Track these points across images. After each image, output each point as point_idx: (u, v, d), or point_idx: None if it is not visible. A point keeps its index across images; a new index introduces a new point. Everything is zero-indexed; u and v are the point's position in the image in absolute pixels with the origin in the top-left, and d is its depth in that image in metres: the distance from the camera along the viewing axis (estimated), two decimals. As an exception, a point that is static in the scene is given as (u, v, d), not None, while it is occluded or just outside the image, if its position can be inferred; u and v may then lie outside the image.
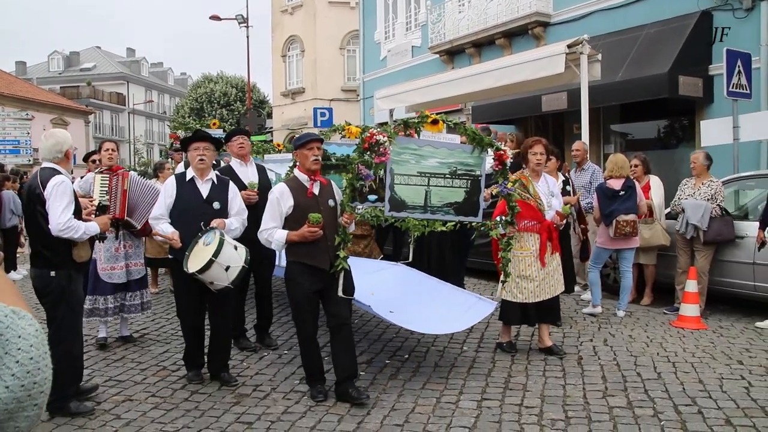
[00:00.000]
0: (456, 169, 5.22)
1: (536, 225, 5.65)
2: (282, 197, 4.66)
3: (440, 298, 5.81)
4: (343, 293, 4.64)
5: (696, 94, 11.11)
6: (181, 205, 4.99)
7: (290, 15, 28.77)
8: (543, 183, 5.85)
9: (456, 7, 16.95)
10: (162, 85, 66.66)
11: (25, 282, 10.28)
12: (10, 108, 31.02)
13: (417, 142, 5.07)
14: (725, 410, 4.38)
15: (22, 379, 1.00)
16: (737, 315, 7.28)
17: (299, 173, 4.77)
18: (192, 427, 4.25)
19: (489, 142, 5.28)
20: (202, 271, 4.58)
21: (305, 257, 4.61)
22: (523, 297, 5.65)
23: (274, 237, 4.63)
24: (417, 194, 5.09)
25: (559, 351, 5.69)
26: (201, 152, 5.02)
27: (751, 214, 7.64)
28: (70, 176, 4.73)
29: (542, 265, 5.65)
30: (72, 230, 4.32)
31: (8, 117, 25.01)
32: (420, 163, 5.08)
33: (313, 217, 4.45)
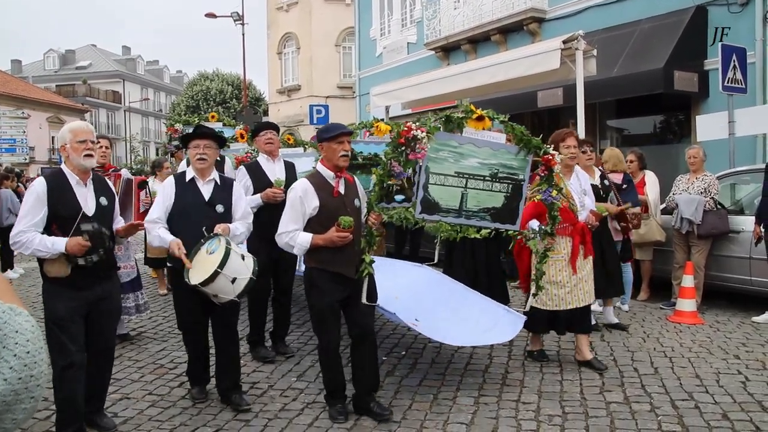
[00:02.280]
0: (497, 172, 4.75)
1: (568, 227, 5.19)
2: (306, 196, 4.17)
3: (468, 307, 5.40)
4: (367, 300, 4.23)
5: (691, 89, 11.13)
6: (180, 208, 4.46)
7: (285, 12, 28.74)
8: (575, 180, 5.41)
9: (451, 3, 16.94)
10: (158, 83, 66.55)
11: (23, 280, 10.29)
12: (5, 107, 30.97)
13: (458, 139, 4.60)
14: (722, 405, 4.40)
15: (20, 372, 1.02)
16: (734, 310, 7.30)
17: (323, 169, 4.27)
18: (189, 425, 4.25)
19: (538, 143, 4.77)
20: (206, 284, 4.09)
21: (330, 264, 4.16)
22: (552, 304, 5.22)
23: (297, 241, 4.16)
24: (452, 196, 4.65)
25: (600, 365, 5.23)
26: (201, 150, 4.50)
27: (747, 209, 7.65)
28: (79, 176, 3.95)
29: (573, 271, 5.21)
30: (19, 246, 3.73)
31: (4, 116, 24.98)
32: (459, 163, 4.62)
33: (345, 221, 4.01)
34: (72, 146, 3.87)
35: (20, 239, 3.72)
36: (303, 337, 6.35)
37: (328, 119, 19.96)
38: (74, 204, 3.84)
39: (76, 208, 3.83)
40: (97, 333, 4.00)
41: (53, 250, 3.72)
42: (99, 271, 3.91)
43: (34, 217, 3.74)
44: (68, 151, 3.89)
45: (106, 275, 4.01)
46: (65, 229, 3.77)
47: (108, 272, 4.05)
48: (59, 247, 3.71)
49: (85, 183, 3.94)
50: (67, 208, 3.81)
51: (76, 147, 3.86)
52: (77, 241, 3.72)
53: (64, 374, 3.75)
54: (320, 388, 4.89)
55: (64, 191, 3.84)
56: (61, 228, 3.78)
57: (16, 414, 1.03)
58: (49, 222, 3.77)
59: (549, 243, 4.94)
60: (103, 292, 3.96)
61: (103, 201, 4.01)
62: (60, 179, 3.88)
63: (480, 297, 5.60)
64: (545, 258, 4.93)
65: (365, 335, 4.30)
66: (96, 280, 3.91)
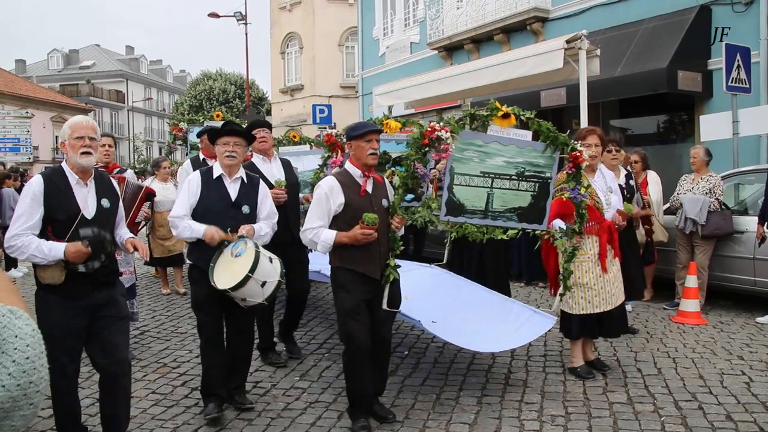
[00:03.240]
0: (524, 170, 4.60)
1: (595, 226, 4.99)
2: (332, 193, 4.05)
3: (488, 308, 5.22)
4: (388, 306, 4.11)
5: (695, 89, 11.09)
6: (205, 207, 4.27)
7: (289, 12, 28.73)
8: (599, 178, 5.21)
9: (454, 3, 16.91)
10: (161, 82, 66.59)
11: (26, 279, 10.29)
12: (10, 106, 31.02)
13: (483, 138, 4.44)
14: (726, 406, 4.39)
15: (19, 378, 1.00)
16: (737, 310, 7.28)
17: (351, 167, 4.14)
18: (192, 424, 4.25)
19: (564, 140, 4.63)
20: (237, 288, 3.98)
21: (354, 263, 4.04)
22: (579, 308, 5.01)
23: (321, 238, 4.04)
24: (478, 197, 4.51)
25: (602, 366, 5.20)
26: (231, 148, 4.33)
27: (751, 209, 7.63)
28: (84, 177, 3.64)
29: (604, 270, 5.00)
30: (14, 250, 3.42)
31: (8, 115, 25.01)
32: (484, 162, 4.46)
33: (369, 218, 3.87)
34: (69, 143, 3.56)
35: (15, 243, 3.39)
36: (306, 336, 6.35)
37: (331, 119, 19.96)
38: (72, 205, 3.51)
39: (74, 210, 3.50)
40: (104, 345, 3.60)
41: (51, 257, 3.39)
42: (98, 277, 3.57)
43: (30, 219, 3.42)
44: (67, 148, 3.59)
45: (106, 281, 3.65)
46: (61, 232, 3.45)
47: (109, 278, 3.68)
48: (57, 253, 3.38)
49: (85, 183, 3.60)
50: (65, 210, 3.48)
51: (73, 144, 3.54)
52: (77, 247, 3.38)
53: (56, 386, 3.51)
54: (323, 387, 4.90)
55: (62, 191, 3.50)
56: (56, 232, 3.46)
57: (15, 420, 1.01)
58: (44, 224, 3.45)
59: (577, 242, 4.82)
60: (103, 298, 3.60)
61: (105, 203, 3.66)
62: (59, 178, 3.55)
63: (500, 297, 5.45)
64: (573, 257, 4.80)
65: (382, 342, 4.21)
66: (94, 287, 3.56)
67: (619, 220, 5.21)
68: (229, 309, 4.31)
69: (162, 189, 8.25)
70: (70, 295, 3.48)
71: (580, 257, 4.91)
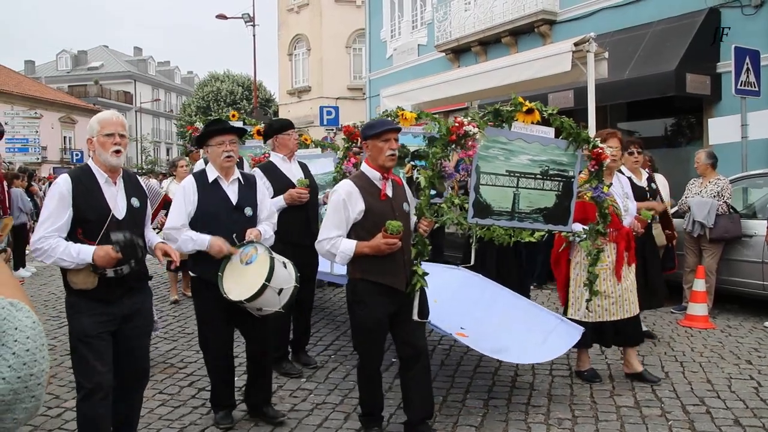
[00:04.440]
0: (548, 169, 4.41)
1: (613, 233, 4.84)
2: (350, 199, 3.72)
3: (515, 315, 5.00)
4: (418, 316, 3.84)
5: (704, 92, 11.05)
6: (205, 213, 3.99)
7: (296, 14, 28.78)
8: (616, 183, 5.06)
9: (462, 5, 16.91)
10: (169, 83, 66.79)
11: (34, 279, 10.34)
12: (19, 107, 31.22)
13: (507, 135, 4.24)
14: (734, 410, 4.37)
15: (19, 370, 1.00)
16: (745, 314, 7.25)
17: (369, 169, 3.83)
18: (199, 424, 4.26)
19: (586, 137, 4.49)
20: (253, 299, 3.75)
21: (377, 275, 3.73)
22: (595, 316, 4.86)
23: (339, 248, 3.72)
24: (504, 197, 4.30)
25: (651, 377, 4.98)
26: (227, 147, 4.03)
27: (760, 213, 7.59)
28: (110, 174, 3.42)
29: (618, 279, 4.88)
30: (41, 253, 3.23)
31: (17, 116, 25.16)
32: (509, 161, 4.26)
33: (393, 226, 3.58)
34: (99, 140, 3.34)
35: (42, 246, 3.21)
36: (312, 338, 6.33)
37: (338, 121, 19.96)
38: (102, 206, 3.32)
39: (105, 211, 3.32)
40: (127, 353, 3.47)
41: (79, 261, 3.21)
42: (130, 282, 3.40)
43: (58, 221, 3.23)
44: (95, 145, 3.36)
45: (137, 287, 3.49)
46: (92, 234, 3.27)
47: (140, 283, 3.52)
48: (86, 256, 3.21)
49: (114, 182, 3.41)
50: (95, 211, 3.30)
51: (103, 141, 3.33)
52: (106, 251, 3.20)
53: (90, 399, 3.29)
54: (329, 389, 4.90)
55: (91, 191, 3.32)
56: (87, 233, 3.28)
57: (17, 414, 1.01)
58: (74, 226, 3.27)
59: (602, 243, 4.67)
60: (133, 305, 3.45)
61: (135, 202, 3.47)
62: (87, 177, 3.35)
63: (528, 303, 5.29)
64: (597, 260, 4.65)
65: (418, 356, 3.88)
66: (126, 293, 3.40)
67: (637, 227, 5.11)
68: (240, 319, 4.08)
69: None
70: (101, 300, 3.32)
71: (598, 264, 4.75)
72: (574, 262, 4.99)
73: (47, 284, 9.79)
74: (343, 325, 6.87)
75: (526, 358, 4.61)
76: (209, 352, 4.22)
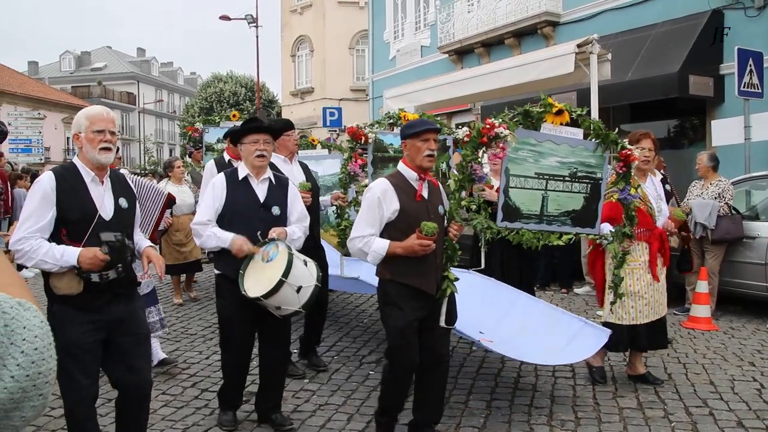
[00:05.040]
0: (576, 171, 4.34)
1: (646, 233, 4.79)
2: (385, 198, 3.62)
3: (535, 318, 4.92)
4: (445, 323, 3.76)
5: (707, 94, 11.05)
6: (232, 210, 3.96)
7: (299, 15, 28.84)
8: (650, 184, 4.99)
9: (465, 6, 16.93)
10: (172, 84, 66.92)
11: (37, 279, 10.34)
12: (22, 107, 31.25)
13: (536, 137, 4.17)
14: (737, 412, 4.36)
15: (27, 369, 1.02)
16: (749, 316, 7.24)
17: (406, 169, 3.74)
18: (202, 425, 4.26)
19: (615, 138, 4.41)
20: (270, 295, 3.64)
21: (409, 277, 3.62)
22: (629, 318, 4.75)
23: (372, 247, 3.62)
24: (533, 200, 4.23)
25: (654, 379, 4.95)
26: (261, 146, 4.00)
27: (762, 215, 7.59)
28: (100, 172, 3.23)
29: (655, 279, 4.81)
30: (21, 255, 3.03)
31: (20, 116, 25.19)
32: (538, 163, 4.19)
33: (428, 227, 3.46)
34: (87, 136, 3.14)
35: (22, 247, 3.00)
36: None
37: (341, 122, 19.99)
38: (88, 206, 3.13)
39: (91, 211, 3.12)
40: (123, 365, 3.25)
41: (62, 263, 3.01)
42: (116, 287, 3.18)
43: (40, 220, 3.03)
44: (82, 141, 3.16)
45: (125, 293, 3.27)
46: (77, 235, 3.07)
47: (128, 289, 3.30)
48: (70, 259, 3.01)
49: (101, 180, 3.21)
50: (80, 211, 3.10)
51: (91, 137, 3.13)
52: (94, 253, 3.01)
53: (75, 411, 3.17)
54: (332, 390, 4.91)
55: (76, 190, 3.12)
56: (71, 234, 3.08)
57: (25, 411, 1.03)
58: (57, 227, 3.07)
59: (628, 245, 4.60)
60: (122, 312, 3.22)
61: (123, 203, 3.28)
62: (72, 175, 3.15)
63: (546, 305, 5.19)
64: (623, 262, 4.58)
65: (440, 362, 3.82)
66: (113, 299, 3.19)
67: (671, 227, 5.07)
68: (262, 320, 3.99)
69: (178, 192, 7.63)
70: (85, 307, 3.10)
71: (630, 264, 4.70)
72: (608, 264, 4.89)
73: (50, 285, 9.80)
74: (346, 326, 6.88)
75: (554, 359, 4.54)
76: (229, 352, 4.12)
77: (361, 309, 7.72)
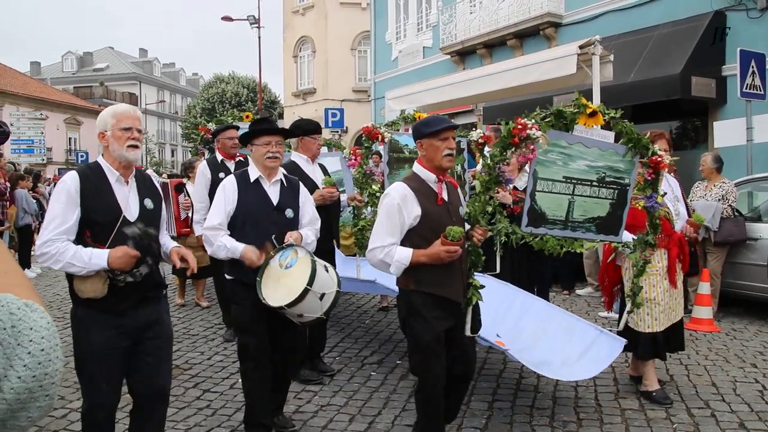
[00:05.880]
0: (604, 175, 4.16)
1: (665, 238, 4.62)
2: (405, 204, 3.38)
3: (553, 326, 4.75)
4: (470, 331, 3.59)
5: (709, 95, 11.05)
6: (244, 213, 3.81)
7: (301, 16, 28.85)
8: (666, 186, 4.73)
9: (467, 7, 16.94)
10: (174, 85, 66.98)
11: (39, 280, 10.37)
12: (24, 108, 31.31)
13: (567, 139, 3.98)
14: (739, 414, 4.36)
15: (34, 370, 1.03)
16: (750, 317, 7.23)
17: (423, 170, 3.51)
18: (204, 426, 4.27)
19: (646, 143, 4.22)
20: (294, 304, 3.48)
21: (434, 286, 3.40)
22: (645, 326, 4.60)
23: (395, 257, 3.36)
24: (559, 205, 4.05)
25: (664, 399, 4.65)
26: (273, 148, 3.87)
27: (765, 216, 7.59)
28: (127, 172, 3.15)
29: (674, 286, 4.66)
30: (47, 258, 2.92)
31: (23, 117, 25.25)
32: (567, 166, 4.00)
33: (454, 232, 3.26)
34: (114, 134, 3.06)
35: (48, 250, 2.91)
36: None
37: (343, 123, 20.02)
38: (113, 206, 3.04)
39: (116, 212, 3.03)
40: (146, 371, 3.14)
41: (92, 266, 2.91)
42: (144, 289, 3.09)
43: (65, 222, 2.94)
44: (108, 140, 3.07)
45: (152, 295, 3.19)
46: (101, 237, 2.98)
47: (155, 291, 3.21)
48: (99, 261, 2.91)
49: (126, 181, 3.13)
50: (105, 212, 3.02)
51: (119, 135, 3.05)
52: (124, 251, 2.92)
53: (92, 413, 3.06)
54: (334, 390, 4.91)
55: (101, 190, 3.04)
56: (96, 236, 2.99)
57: (32, 412, 1.04)
58: (81, 228, 2.98)
59: (650, 254, 4.44)
60: (149, 316, 3.13)
61: (148, 203, 3.19)
62: (96, 175, 3.07)
63: (562, 312, 5.05)
64: (643, 271, 4.42)
65: (467, 376, 3.68)
66: (140, 302, 3.10)
67: (690, 231, 4.90)
68: (278, 326, 3.86)
69: None
70: (111, 311, 3.00)
71: (648, 270, 4.52)
72: (623, 269, 4.77)
73: (52, 285, 9.83)
74: (347, 327, 6.88)
75: (570, 375, 4.36)
76: (249, 362, 3.87)
77: (363, 310, 7.72)
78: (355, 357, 5.78)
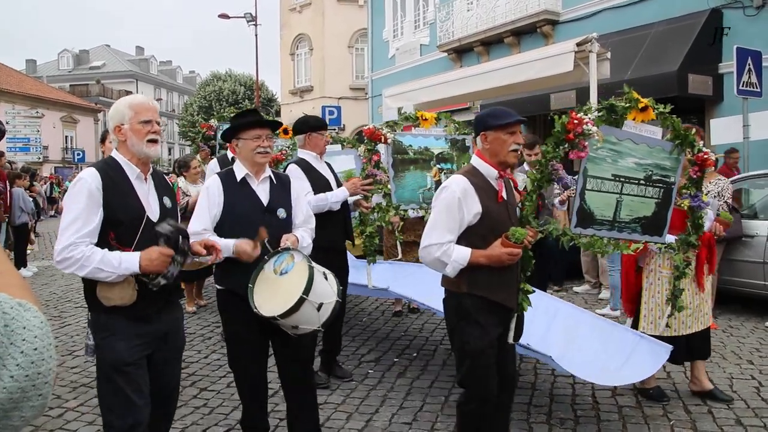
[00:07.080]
0: (651, 174, 3.97)
1: None
2: (466, 199, 3.11)
3: (586, 333, 4.49)
4: (513, 339, 3.38)
5: (706, 93, 11.07)
6: (232, 216, 3.39)
7: (299, 13, 28.83)
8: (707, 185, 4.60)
9: (464, 5, 16.94)
10: (171, 83, 66.88)
11: (35, 279, 10.35)
12: (20, 106, 31.27)
13: (618, 135, 3.79)
14: (735, 410, 4.37)
15: (27, 369, 1.03)
16: (747, 314, 7.25)
17: (483, 164, 3.22)
18: (201, 424, 4.27)
19: (693, 140, 4.04)
20: (288, 315, 3.11)
21: (490, 290, 3.16)
22: (671, 330, 4.40)
23: (452, 257, 3.10)
24: (607, 205, 3.86)
25: (723, 396, 4.56)
26: (264, 142, 3.45)
27: (761, 213, 7.59)
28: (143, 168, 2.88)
29: (701, 289, 4.51)
30: (71, 264, 2.63)
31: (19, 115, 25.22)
32: (617, 163, 3.82)
33: (518, 233, 3.05)
34: (133, 127, 2.80)
35: (72, 255, 2.62)
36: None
37: (341, 120, 20.03)
38: (137, 205, 2.79)
39: (140, 212, 2.79)
40: (161, 376, 2.94)
41: (122, 271, 2.65)
42: (168, 294, 2.90)
43: (88, 224, 2.66)
44: (126, 134, 2.80)
45: (174, 299, 3.03)
46: (126, 239, 2.73)
47: (176, 295, 3.05)
48: (131, 265, 2.66)
49: (145, 178, 2.89)
50: (129, 211, 2.76)
51: (138, 129, 2.80)
52: (158, 252, 2.67)
53: None
54: (332, 389, 4.90)
55: (122, 188, 2.78)
56: (120, 238, 2.72)
57: (24, 412, 1.04)
58: (104, 230, 2.71)
59: (693, 255, 4.29)
60: (169, 323, 2.94)
61: (167, 202, 2.96)
62: (116, 172, 2.79)
63: (599, 318, 4.81)
64: (684, 274, 4.26)
65: (511, 384, 3.45)
66: (164, 307, 2.90)
67: (719, 230, 4.80)
68: (273, 337, 3.47)
69: (195, 192, 7.08)
70: (137, 317, 2.77)
71: (674, 272, 4.35)
72: (647, 271, 4.55)
73: (48, 284, 9.81)
74: (344, 325, 6.86)
75: (614, 380, 4.19)
76: (240, 372, 3.56)
77: (361, 308, 7.72)
78: (352, 355, 5.78)
